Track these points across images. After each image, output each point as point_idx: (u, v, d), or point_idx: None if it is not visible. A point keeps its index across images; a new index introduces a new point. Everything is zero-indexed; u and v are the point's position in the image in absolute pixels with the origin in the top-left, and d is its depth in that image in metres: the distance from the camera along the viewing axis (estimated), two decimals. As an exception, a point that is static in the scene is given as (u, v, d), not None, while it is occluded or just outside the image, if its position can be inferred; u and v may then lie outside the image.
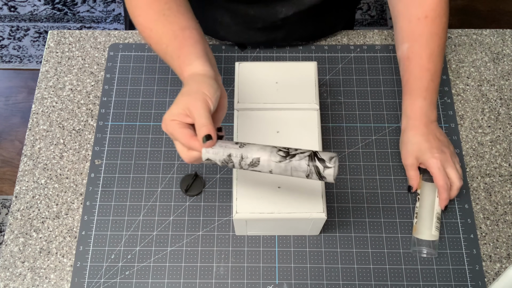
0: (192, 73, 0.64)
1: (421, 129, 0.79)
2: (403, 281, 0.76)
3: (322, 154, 0.58)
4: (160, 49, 0.70)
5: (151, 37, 0.71)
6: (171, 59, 0.69)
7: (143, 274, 0.76)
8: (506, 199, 0.82)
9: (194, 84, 0.61)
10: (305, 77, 0.79)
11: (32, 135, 0.87)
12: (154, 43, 0.71)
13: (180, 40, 0.68)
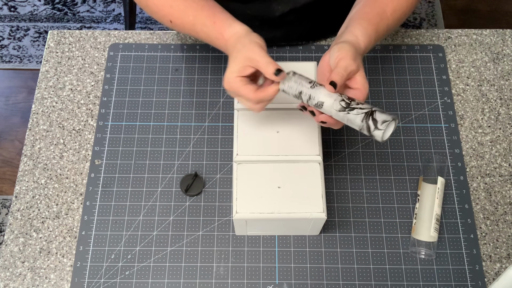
0: (235, 33, 0.68)
1: (361, 50, 0.69)
2: (403, 281, 0.76)
3: (379, 116, 0.62)
4: (186, 21, 0.73)
5: (172, 14, 0.74)
6: (204, 27, 0.71)
7: (143, 274, 0.76)
8: (506, 199, 0.82)
9: (244, 39, 0.66)
10: None
11: (32, 135, 0.87)
12: (177, 18, 0.74)
13: (208, 9, 0.71)
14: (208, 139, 0.86)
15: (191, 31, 0.74)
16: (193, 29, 0.73)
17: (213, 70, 0.93)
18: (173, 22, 0.74)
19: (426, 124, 0.88)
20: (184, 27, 0.74)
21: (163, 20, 0.76)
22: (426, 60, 0.94)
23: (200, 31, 0.72)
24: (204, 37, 0.73)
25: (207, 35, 0.72)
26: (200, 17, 0.71)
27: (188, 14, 0.72)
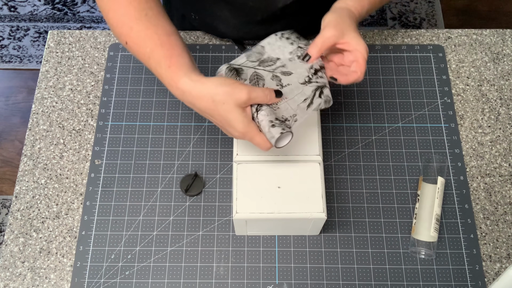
0: (191, 82, 0.63)
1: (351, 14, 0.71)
2: (403, 281, 0.76)
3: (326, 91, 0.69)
4: (142, 52, 0.67)
5: (130, 36, 0.68)
6: (157, 67, 0.66)
7: (143, 274, 0.76)
8: (506, 199, 0.82)
9: (218, 88, 0.62)
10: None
11: (32, 135, 0.87)
12: (134, 44, 0.68)
13: (168, 48, 0.66)
14: (208, 139, 0.87)
15: (145, 62, 0.68)
16: (147, 62, 0.67)
17: (213, 70, 0.93)
18: (128, 44, 0.69)
19: (426, 124, 0.88)
20: (138, 56, 0.68)
21: (120, 38, 0.70)
22: (426, 60, 0.94)
23: (155, 67, 0.67)
24: (156, 75, 0.67)
25: (160, 75, 0.66)
26: (157, 54, 0.66)
27: (146, 44, 0.66)
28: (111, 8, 0.68)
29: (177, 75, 0.64)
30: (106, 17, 0.70)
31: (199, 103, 0.63)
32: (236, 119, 0.62)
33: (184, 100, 0.65)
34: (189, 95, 0.63)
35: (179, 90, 0.64)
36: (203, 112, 0.65)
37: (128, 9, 0.67)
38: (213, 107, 0.62)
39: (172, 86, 0.65)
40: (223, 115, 0.62)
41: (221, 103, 0.62)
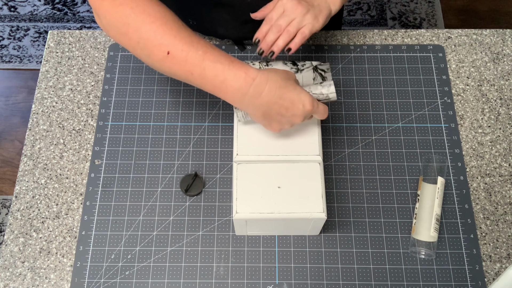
0: (258, 70, 0.65)
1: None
2: (403, 281, 0.76)
3: (320, 66, 0.77)
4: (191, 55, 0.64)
5: (175, 44, 0.65)
6: (217, 64, 0.64)
7: (143, 274, 0.76)
8: (506, 199, 0.82)
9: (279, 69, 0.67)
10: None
11: (32, 135, 0.87)
12: (180, 50, 0.65)
13: (217, 49, 0.66)
14: (208, 139, 0.86)
15: (194, 67, 0.64)
16: (199, 64, 0.64)
17: (213, 70, 0.93)
18: (171, 53, 0.64)
19: (426, 124, 0.88)
20: (184, 63, 0.64)
21: (157, 49, 0.65)
22: (426, 60, 0.94)
23: (209, 68, 0.64)
24: (210, 75, 0.64)
25: (220, 74, 0.64)
26: (213, 54, 0.64)
27: (197, 48, 0.64)
28: (145, 21, 0.64)
29: (244, 66, 0.64)
30: (138, 32, 0.65)
31: (271, 85, 0.65)
32: (302, 89, 0.67)
33: (249, 92, 0.64)
34: (259, 81, 0.64)
35: (249, 78, 0.64)
36: (270, 97, 0.65)
37: (165, 20, 0.65)
38: (284, 84, 0.65)
39: (240, 77, 0.64)
40: (292, 89, 0.66)
41: (288, 79, 0.66)
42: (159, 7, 0.65)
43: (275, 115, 0.67)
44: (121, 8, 0.65)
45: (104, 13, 0.66)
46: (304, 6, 0.77)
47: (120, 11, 0.65)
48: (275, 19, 0.78)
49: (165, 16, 0.65)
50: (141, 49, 0.66)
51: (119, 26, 0.65)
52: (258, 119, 0.68)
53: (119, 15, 0.65)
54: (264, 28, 0.79)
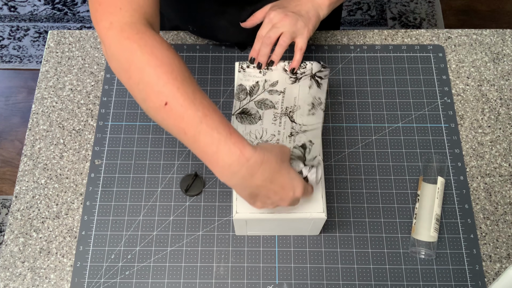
0: (254, 149, 0.59)
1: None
2: (403, 281, 0.76)
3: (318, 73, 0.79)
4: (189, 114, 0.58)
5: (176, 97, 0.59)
6: (213, 132, 0.58)
7: (143, 274, 0.76)
8: (506, 199, 0.82)
9: (275, 149, 0.63)
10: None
11: (32, 135, 0.87)
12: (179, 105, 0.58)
13: (219, 115, 0.60)
14: (208, 139, 0.86)
15: (190, 127, 0.58)
16: (195, 126, 0.58)
17: (213, 70, 0.93)
18: (169, 105, 0.58)
19: (426, 124, 0.88)
20: (179, 120, 0.58)
21: (157, 97, 0.58)
22: (426, 60, 0.94)
23: (204, 133, 0.58)
24: (204, 142, 0.58)
25: (214, 143, 0.58)
26: (212, 119, 0.58)
27: (197, 107, 0.58)
28: (151, 63, 0.59)
29: (241, 142, 0.58)
30: (141, 73, 0.59)
31: (265, 168, 0.59)
32: (296, 174, 0.63)
33: (240, 172, 0.58)
34: (253, 162, 0.58)
35: (244, 158, 0.58)
36: (261, 181, 0.60)
37: (172, 67, 0.59)
38: (278, 168, 0.61)
39: (234, 154, 0.57)
40: (285, 174, 0.61)
41: (283, 162, 0.62)
42: (168, 51, 0.60)
43: (262, 197, 0.62)
44: (127, 42, 0.60)
45: (109, 44, 0.61)
46: (292, 16, 0.78)
47: (126, 46, 0.60)
48: (264, 35, 0.79)
49: (172, 63, 0.59)
50: (139, 91, 0.60)
51: (122, 61, 0.60)
52: (243, 197, 0.63)
53: (124, 49, 0.60)
54: (256, 46, 0.79)
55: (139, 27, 0.61)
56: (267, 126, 0.75)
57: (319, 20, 0.80)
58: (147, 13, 0.63)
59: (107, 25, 0.61)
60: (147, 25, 0.62)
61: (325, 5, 0.80)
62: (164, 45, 0.61)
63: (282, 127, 0.74)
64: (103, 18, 0.61)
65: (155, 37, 0.61)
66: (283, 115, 0.76)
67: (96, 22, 0.62)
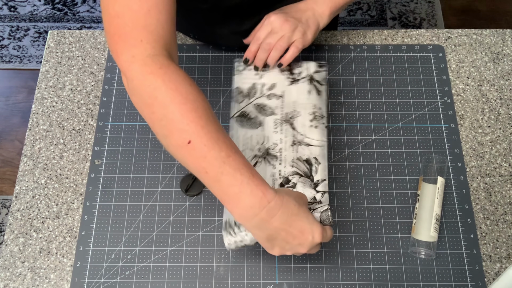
0: (275, 192, 0.60)
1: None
2: (403, 281, 0.76)
3: (316, 76, 0.79)
4: (212, 154, 0.58)
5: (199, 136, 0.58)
6: (236, 173, 0.58)
7: (143, 274, 0.76)
8: (506, 199, 0.82)
9: (294, 193, 0.63)
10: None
11: (32, 135, 0.87)
12: (203, 144, 0.58)
13: (241, 155, 0.60)
14: (208, 139, 0.86)
15: (213, 167, 0.58)
16: (218, 167, 0.57)
17: (213, 70, 0.93)
18: (192, 144, 0.57)
19: (426, 124, 0.88)
20: (201, 160, 0.58)
21: (179, 135, 0.58)
22: (426, 60, 0.94)
23: (226, 174, 0.57)
24: (226, 183, 0.58)
25: (237, 184, 0.57)
26: (235, 160, 0.58)
27: (220, 147, 0.57)
28: (176, 100, 0.58)
29: (263, 184, 0.58)
30: (165, 110, 0.58)
31: (283, 212, 0.59)
32: (314, 219, 0.62)
33: (260, 215, 0.58)
34: (274, 204, 0.58)
35: (265, 200, 0.58)
36: (280, 224, 0.59)
37: (196, 104, 0.58)
38: (297, 211, 0.60)
39: (256, 196, 0.57)
40: (304, 218, 0.61)
41: (301, 206, 0.61)
42: (192, 88, 0.59)
43: (280, 241, 0.61)
44: (151, 77, 0.58)
45: (132, 77, 0.60)
46: (292, 22, 0.78)
47: (150, 81, 0.58)
48: (263, 38, 0.79)
49: (197, 100, 0.59)
50: (161, 127, 0.59)
51: (145, 96, 0.59)
52: (261, 241, 0.62)
53: (147, 84, 0.59)
54: (253, 48, 0.79)
55: (162, 60, 0.60)
56: (268, 133, 0.75)
57: (318, 29, 0.81)
58: (167, 43, 0.62)
59: (129, 58, 0.59)
60: (169, 57, 0.61)
61: (325, 14, 0.81)
62: (187, 80, 0.60)
63: (284, 135, 0.74)
64: (124, 51, 0.60)
65: (178, 71, 0.60)
66: (283, 122, 0.75)
67: (117, 55, 0.60)
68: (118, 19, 0.59)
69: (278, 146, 0.73)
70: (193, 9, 0.85)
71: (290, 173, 0.72)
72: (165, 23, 0.61)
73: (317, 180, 0.71)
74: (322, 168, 0.73)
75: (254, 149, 0.74)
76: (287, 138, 0.74)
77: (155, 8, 0.60)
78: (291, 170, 0.72)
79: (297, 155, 0.73)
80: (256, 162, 0.73)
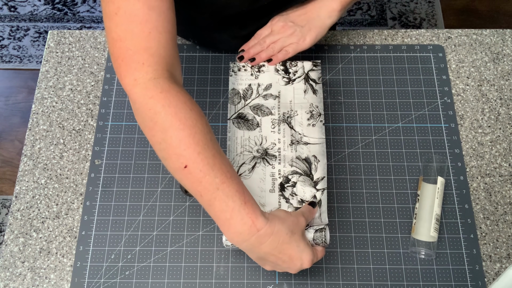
0: (267, 220, 0.60)
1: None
2: (403, 281, 0.76)
3: (312, 74, 0.81)
4: (206, 180, 0.60)
5: (196, 162, 0.59)
6: (228, 200, 0.59)
7: (143, 274, 0.76)
8: (506, 199, 0.82)
9: (289, 219, 0.63)
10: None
11: (32, 135, 0.87)
12: (198, 170, 0.59)
13: (237, 182, 0.61)
14: (208, 139, 0.86)
15: (207, 193, 0.59)
16: (212, 193, 0.59)
17: (213, 70, 0.93)
18: (188, 169, 0.59)
19: (426, 124, 0.88)
20: (197, 184, 0.60)
21: (176, 160, 0.60)
22: (426, 60, 0.94)
23: (219, 200, 0.59)
24: (218, 209, 0.60)
25: (228, 211, 0.59)
26: (229, 187, 0.59)
27: (215, 174, 0.59)
28: (174, 126, 0.59)
29: (254, 212, 0.60)
30: (164, 134, 0.60)
31: (274, 240, 0.60)
32: (306, 246, 0.63)
33: (250, 241, 0.60)
34: (263, 233, 0.60)
35: (254, 228, 0.59)
36: (269, 250, 0.61)
37: (195, 130, 0.60)
38: (288, 240, 0.61)
39: (245, 224, 0.59)
40: (294, 246, 0.62)
41: (294, 234, 0.62)
42: (192, 113, 0.60)
43: (270, 262, 0.63)
44: (152, 101, 0.60)
45: (135, 100, 0.61)
46: (290, 27, 0.82)
47: (150, 105, 0.60)
48: (262, 36, 0.84)
49: (195, 126, 0.60)
50: (160, 150, 0.61)
51: (146, 119, 0.61)
52: (252, 258, 0.64)
53: (148, 108, 0.60)
54: (251, 42, 0.85)
55: (163, 83, 0.61)
56: (266, 133, 0.75)
57: (324, 30, 0.83)
58: (169, 63, 0.62)
59: (132, 82, 0.61)
60: (171, 80, 0.62)
61: (336, 11, 0.82)
62: (187, 104, 0.61)
63: (282, 135, 0.74)
64: (127, 74, 0.61)
65: (179, 95, 0.61)
66: (281, 122, 0.76)
67: (121, 78, 0.62)
68: (121, 43, 0.61)
69: (277, 146, 0.73)
70: (192, 18, 0.85)
71: (290, 172, 0.72)
72: (166, 44, 0.62)
73: (317, 178, 0.71)
74: (322, 166, 0.73)
75: (253, 150, 0.74)
76: (285, 137, 0.74)
77: (155, 30, 0.61)
78: (290, 169, 0.72)
79: (296, 154, 0.73)
80: (255, 164, 0.73)
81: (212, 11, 0.81)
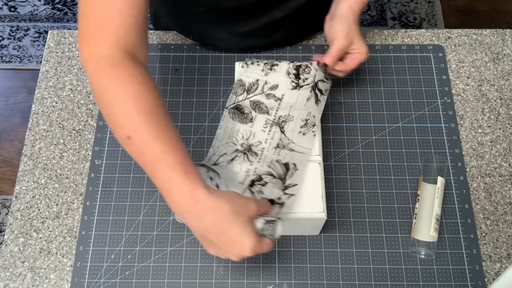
0: (209, 192, 0.59)
1: (356, 17, 0.78)
2: (403, 281, 0.76)
3: (321, 85, 0.81)
4: (148, 151, 0.60)
5: (137, 132, 0.61)
6: (169, 170, 0.59)
7: (143, 274, 0.76)
8: (506, 199, 0.82)
9: (237, 200, 0.61)
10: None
11: (32, 135, 0.87)
12: (140, 141, 0.60)
13: (181, 154, 0.61)
14: (208, 139, 0.86)
15: (148, 163, 0.60)
16: (152, 163, 0.60)
17: (213, 70, 0.93)
18: (132, 140, 0.60)
19: (426, 124, 0.88)
20: (140, 155, 0.61)
21: (121, 130, 0.61)
22: (426, 60, 0.94)
23: (160, 170, 0.59)
24: (160, 179, 0.60)
25: (168, 181, 0.59)
26: (170, 157, 0.59)
27: (156, 145, 0.59)
28: (119, 98, 0.61)
29: (194, 183, 0.59)
30: (109, 106, 0.61)
31: (214, 216, 0.59)
32: (251, 232, 0.60)
33: (190, 212, 0.59)
34: (204, 206, 0.59)
35: (193, 199, 0.58)
36: (210, 226, 0.60)
37: (139, 102, 0.60)
38: (231, 219, 0.59)
39: (184, 195, 0.59)
40: (237, 228, 0.59)
41: (240, 215, 0.59)
42: (139, 86, 0.61)
43: (211, 243, 0.62)
44: (100, 75, 0.62)
45: (88, 75, 0.64)
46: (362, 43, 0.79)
47: (99, 78, 0.62)
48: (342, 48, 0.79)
49: (140, 98, 0.61)
50: (108, 122, 0.63)
51: (96, 92, 0.63)
52: (196, 235, 0.63)
53: (97, 81, 0.62)
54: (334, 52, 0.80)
55: (116, 60, 0.62)
56: (256, 130, 0.75)
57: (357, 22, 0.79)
58: (128, 44, 0.63)
59: (86, 56, 0.63)
60: (126, 57, 0.63)
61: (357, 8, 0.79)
62: (137, 78, 0.62)
63: (271, 137, 0.74)
64: (84, 49, 0.64)
65: (130, 70, 0.62)
66: (274, 124, 0.75)
67: (80, 52, 0.64)
68: (84, 19, 0.64)
69: (262, 145, 0.73)
70: (190, 13, 0.85)
71: (264, 172, 0.71)
72: (127, 26, 0.63)
73: (289, 183, 0.71)
74: (299, 174, 0.72)
75: (238, 143, 0.74)
76: (273, 140, 0.74)
77: (118, 13, 0.62)
78: (266, 170, 0.71)
79: (277, 157, 0.72)
80: (235, 156, 0.73)
81: (211, 5, 0.81)
